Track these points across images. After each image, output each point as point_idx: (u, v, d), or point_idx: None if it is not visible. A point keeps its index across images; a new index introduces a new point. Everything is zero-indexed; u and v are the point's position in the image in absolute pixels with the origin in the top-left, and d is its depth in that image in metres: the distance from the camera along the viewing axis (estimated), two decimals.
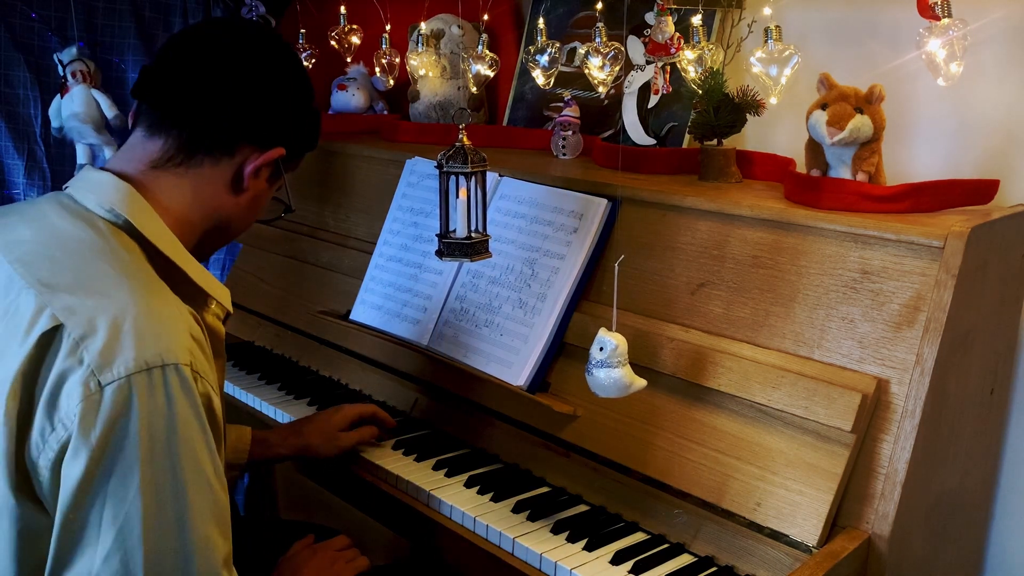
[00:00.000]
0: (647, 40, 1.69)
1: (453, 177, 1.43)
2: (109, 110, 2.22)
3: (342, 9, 2.32)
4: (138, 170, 1.19)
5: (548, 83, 1.80)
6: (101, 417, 0.99)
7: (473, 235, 1.44)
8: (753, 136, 1.85)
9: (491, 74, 1.95)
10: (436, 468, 1.61)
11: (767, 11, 1.55)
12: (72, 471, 0.99)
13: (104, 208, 1.14)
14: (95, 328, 1.01)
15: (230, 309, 1.26)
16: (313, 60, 2.42)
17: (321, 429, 1.65)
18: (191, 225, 1.22)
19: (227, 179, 1.23)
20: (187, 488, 1.02)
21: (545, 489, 1.56)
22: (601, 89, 1.68)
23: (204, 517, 1.04)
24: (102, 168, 1.20)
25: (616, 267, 1.36)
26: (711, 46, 1.65)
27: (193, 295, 1.18)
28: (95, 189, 1.16)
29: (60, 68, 2.22)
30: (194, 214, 1.22)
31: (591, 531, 1.41)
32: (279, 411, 1.87)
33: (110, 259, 1.09)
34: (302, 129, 1.30)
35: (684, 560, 1.36)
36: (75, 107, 2.22)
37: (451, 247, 1.44)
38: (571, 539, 1.40)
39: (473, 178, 1.43)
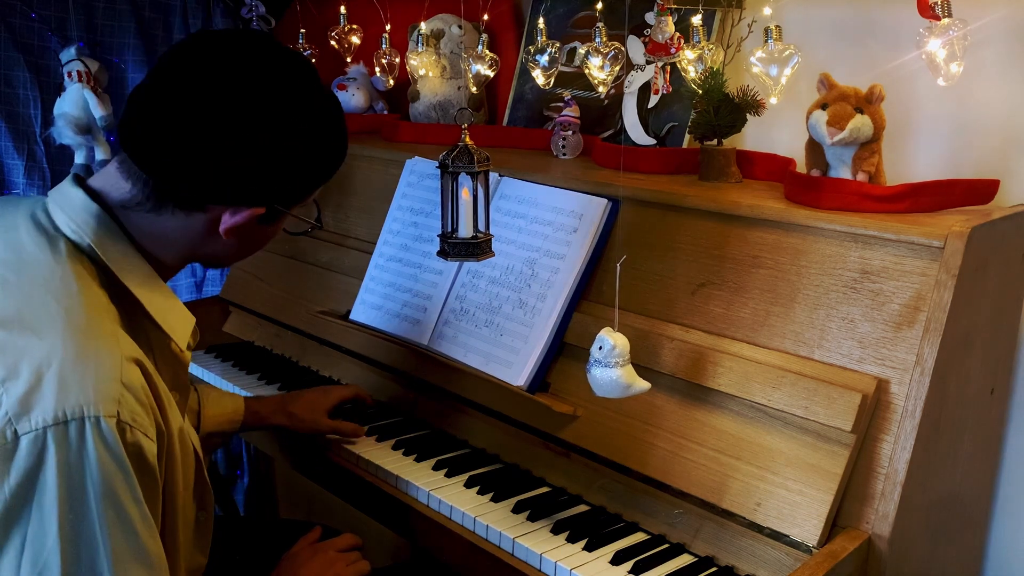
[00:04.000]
0: (647, 40, 1.69)
1: (455, 177, 1.43)
2: (96, 109, 2.20)
3: (342, 9, 2.32)
4: (114, 200, 1.16)
5: (548, 83, 1.80)
6: (16, 467, 0.99)
7: (477, 235, 1.44)
8: (753, 136, 1.85)
9: (491, 74, 1.95)
10: (436, 468, 1.61)
11: (767, 11, 1.56)
12: None
13: (71, 229, 1.12)
14: (18, 372, 1.00)
15: (182, 345, 1.22)
16: (313, 60, 2.42)
17: (309, 406, 1.72)
18: (167, 260, 1.20)
19: (201, 229, 1.17)
20: (109, 538, 1.02)
21: (545, 489, 1.56)
22: (601, 89, 1.68)
23: (126, 565, 1.03)
24: (82, 184, 1.17)
25: (618, 267, 1.36)
26: (711, 46, 1.65)
27: (156, 325, 1.18)
28: (67, 207, 1.14)
29: (62, 68, 2.22)
30: (168, 252, 1.19)
31: (591, 531, 1.41)
32: None
33: (57, 291, 1.07)
34: (296, 181, 1.18)
35: (684, 560, 1.37)
36: (65, 107, 2.21)
37: (455, 247, 1.43)
38: (571, 539, 1.40)
39: (477, 178, 1.43)
